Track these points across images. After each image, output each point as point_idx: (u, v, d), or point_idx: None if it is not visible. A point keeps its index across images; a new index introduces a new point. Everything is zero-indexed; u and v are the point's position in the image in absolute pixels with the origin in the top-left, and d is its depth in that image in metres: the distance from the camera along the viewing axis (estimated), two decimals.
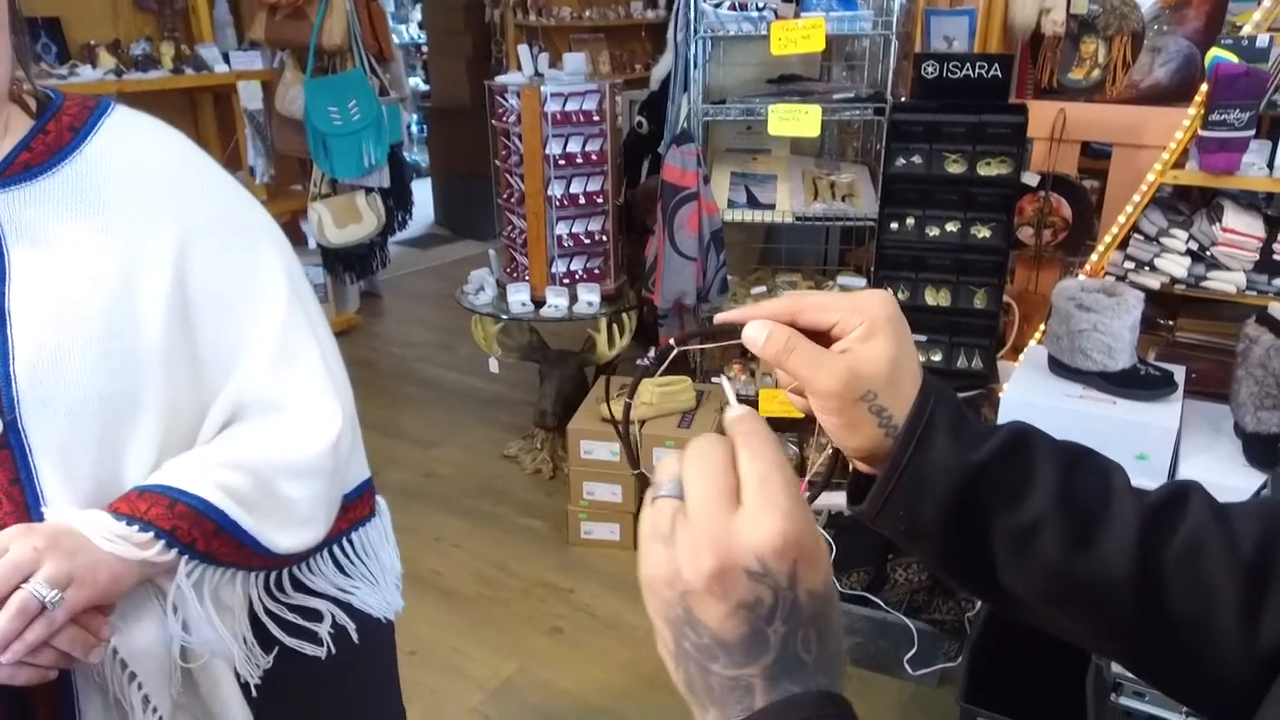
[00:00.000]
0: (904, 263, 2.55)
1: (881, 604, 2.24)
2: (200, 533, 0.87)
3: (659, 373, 0.63)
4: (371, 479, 1.15)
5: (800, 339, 0.57)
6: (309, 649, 1.04)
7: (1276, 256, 2.30)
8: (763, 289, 2.82)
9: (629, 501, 2.68)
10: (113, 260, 0.86)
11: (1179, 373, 2.28)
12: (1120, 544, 0.55)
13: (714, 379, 2.92)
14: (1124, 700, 1.49)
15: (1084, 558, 0.55)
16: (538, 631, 2.43)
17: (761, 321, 0.57)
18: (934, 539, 0.58)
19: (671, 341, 0.59)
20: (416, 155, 7.38)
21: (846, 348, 0.57)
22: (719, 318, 0.61)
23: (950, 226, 2.51)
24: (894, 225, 2.53)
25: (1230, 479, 2.02)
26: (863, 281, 2.78)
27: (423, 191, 6.12)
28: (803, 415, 0.62)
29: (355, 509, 1.12)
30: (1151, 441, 2.14)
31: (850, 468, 0.63)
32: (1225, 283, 2.36)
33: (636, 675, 2.27)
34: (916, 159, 2.47)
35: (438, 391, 3.94)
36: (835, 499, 2.60)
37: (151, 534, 0.83)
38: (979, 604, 2.08)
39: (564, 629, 2.44)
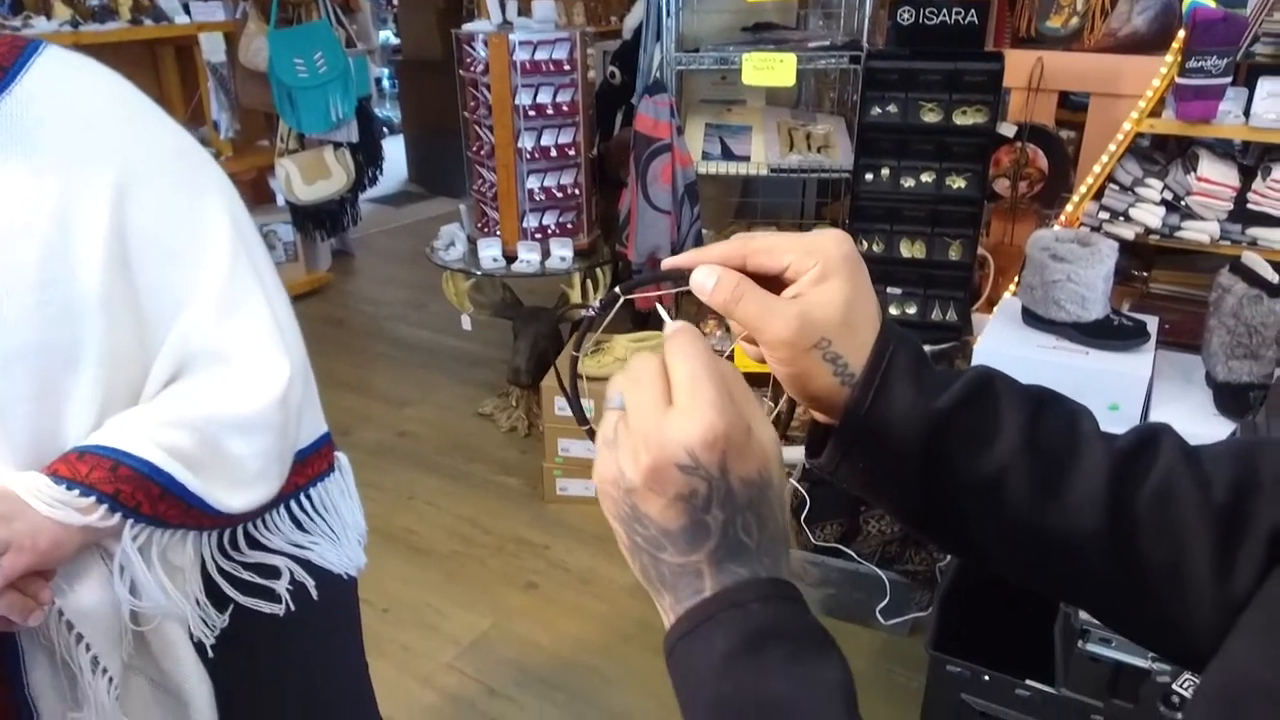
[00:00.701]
0: (879, 214, 2.53)
1: (854, 555, 2.25)
2: (145, 496, 0.84)
3: (603, 325, 0.60)
4: (329, 434, 1.12)
5: (749, 285, 0.53)
6: (266, 607, 1.02)
7: (1250, 206, 2.29)
8: None
9: None
10: (46, 205, 0.82)
11: (1152, 323, 2.28)
12: (1089, 491, 0.53)
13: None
14: (1090, 646, 1.51)
15: (1052, 506, 0.53)
16: (513, 587, 2.43)
17: (709, 267, 0.54)
18: (896, 491, 0.56)
19: (618, 289, 0.56)
20: (388, 111, 7.24)
21: (798, 293, 0.54)
22: (666, 263, 0.57)
23: (925, 177, 2.48)
24: (869, 176, 2.50)
25: (1201, 428, 2.03)
26: None
27: (395, 148, 6.02)
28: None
29: (312, 464, 1.10)
30: (1123, 392, 2.14)
31: (810, 419, 0.61)
32: (1199, 232, 2.36)
33: (611, 629, 2.28)
34: (892, 108, 2.44)
35: (410, 350, 3.90)
36: (794, 453, 2.59)
37: (93, 499, 0.81)
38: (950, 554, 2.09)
39: (539, 584, 2.44)
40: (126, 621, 0.87)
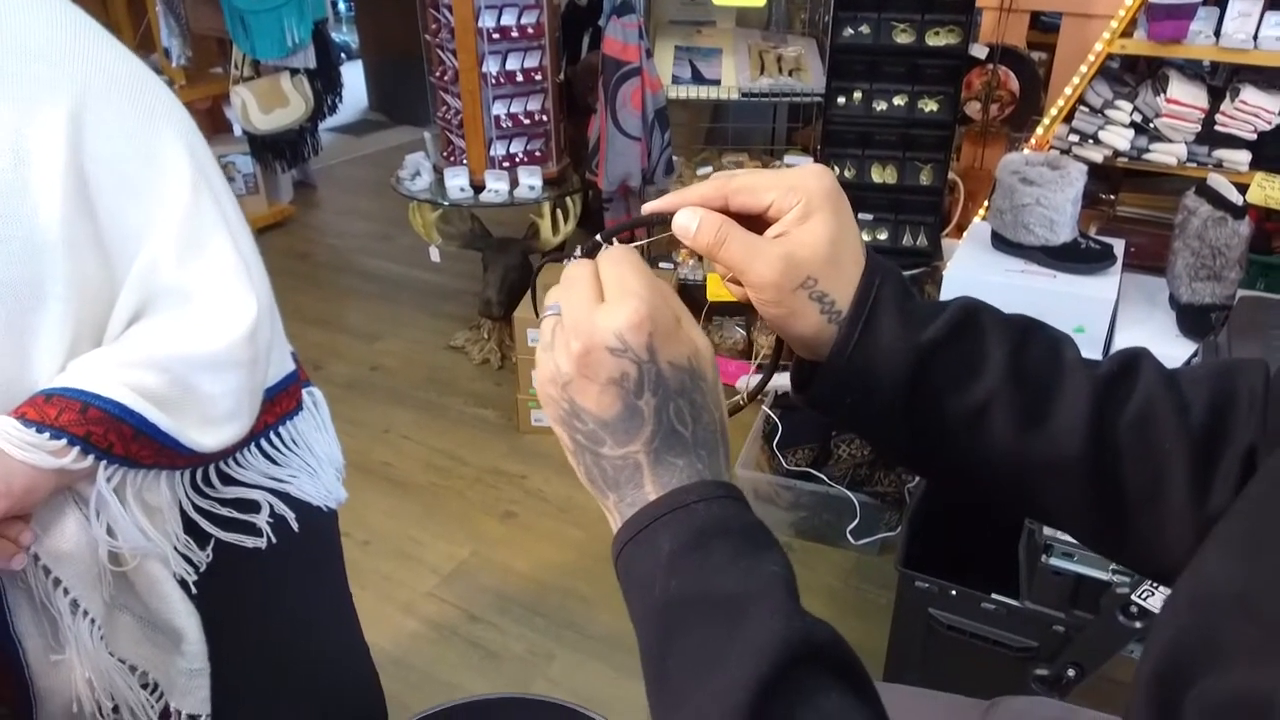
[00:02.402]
0: (850, 139, 2.51)
1: (825, 479, 2.29)
2: (117, 436, 0.83)
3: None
4: (297, 371, 1.12)
5: (733, 227, 0.53)
6: (248, 541, 1.02)
7: (1218, 128, 2.30)
8: (709, 169, 2.76)
9: None
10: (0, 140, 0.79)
11: (1118, 246, 2.30)
12: (1073, 419, 0.54)
13: (662, 264, 2.88)
14: (1054, 561, 1.56)
15: (1037, 434, 0.54)
16: (491, 517, 2.46)
17: (691, 209, 0.54)
18: (882, 424, 0.57)
19: (599, 238, 0.56)
20: (345, 35, 6.99)
21: (782, 231, 0.54)
22: (646, 207, 0.57)
23: (898, 100, 2.46)
24: (841, 100, 2.47)
25: (1164, 349, 2.05)
26: (809, 160, 2.73)
27: (354, 75, 5.83)
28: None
29: (281, 402, 1.09)
30: (1089, 314, 2.17)
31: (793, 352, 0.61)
32: (1167, 155, 2.37)
33: (589, 553, 2.32)
34: (864, 29, 2.40)
35: (379, 283, 3.85)
36: (783, 379, 2.62)
37: (64, 441, 0.80)
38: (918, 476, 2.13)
39: (517, 513, 2.47)
40: (105, 563, 0.87)
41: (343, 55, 4.99)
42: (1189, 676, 0.40)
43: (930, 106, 2.45)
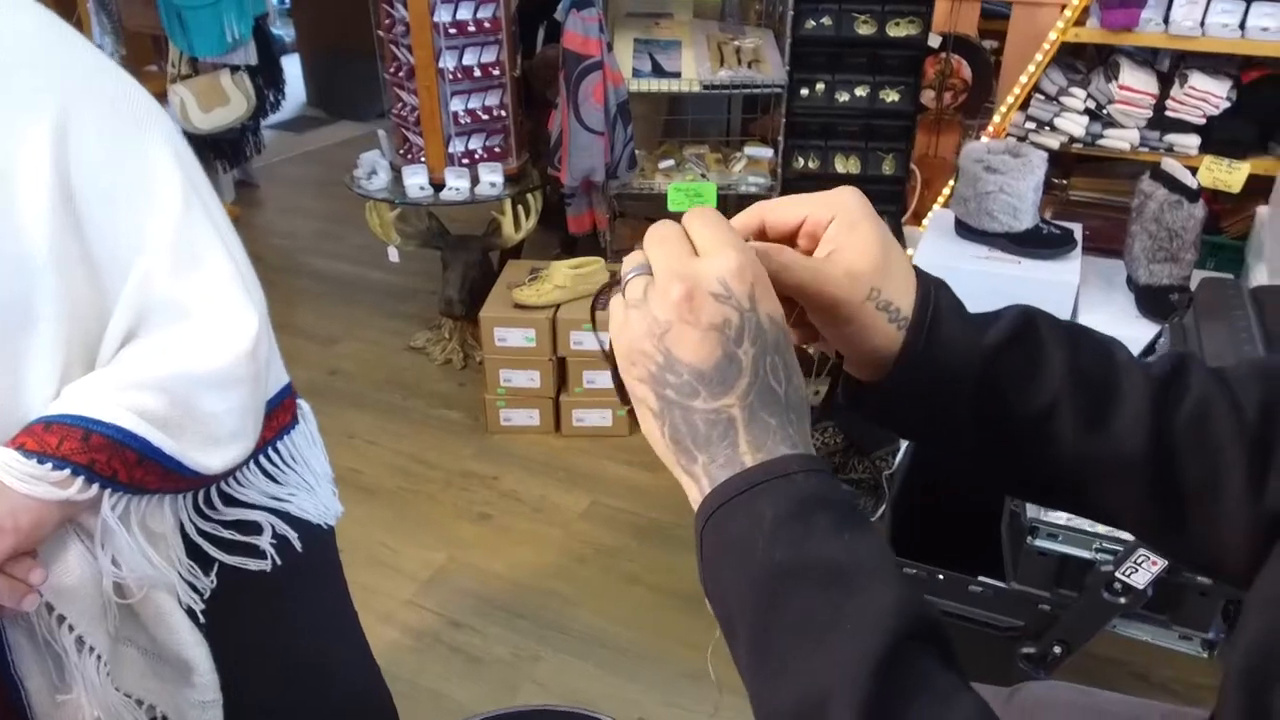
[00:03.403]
0: (813, 130, 2.52)
1: None
2: (121, 463, 0.79)
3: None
4: (291, 384, 1.09)
5: (791, 254, 0.54)
6: (252, 564, 0.99)
7: (1168, 113, 2.37)
8: (670, 163, 2.75)
9: (547, 387, 2.65)
10: None
11: (1076, 231, 2.36)
12: (1134, 419, 0.55)
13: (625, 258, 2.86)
14: (1038, 542, 1.59)
15: (1101, 435, 0.55)
16: (465, 520, 2.42)
17: (750, 245, 0.54)
18: (949, 428, 0.57)
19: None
20: (280, 29, 6.80)
21: (833, 248, 0.54)
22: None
23: (860, 91, 2.48)
24: (804, 91, 2.48)
25: (1126, 331, 2.13)
26: (769, 152, 2.74)
27: (291, 69, 5.68)
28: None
29: (278, 416, 1.06)
30: (1054, 298, 2.22)
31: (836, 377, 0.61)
32: (1120, 140, 2.43)
33: (567, 553, 2.30)
34: (826, 20, 2.41)
35: (332, 284, 3.76)
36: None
37: (68, 471, 0.76)
38: (896, 461, 2.16)
39: (491, 515, 2.44)
40: (110, 596, 0.83)
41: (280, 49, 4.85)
42: (1276, 671, 0.41)
43: (891, 97, 2.48)
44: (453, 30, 2.63)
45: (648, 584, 2.17)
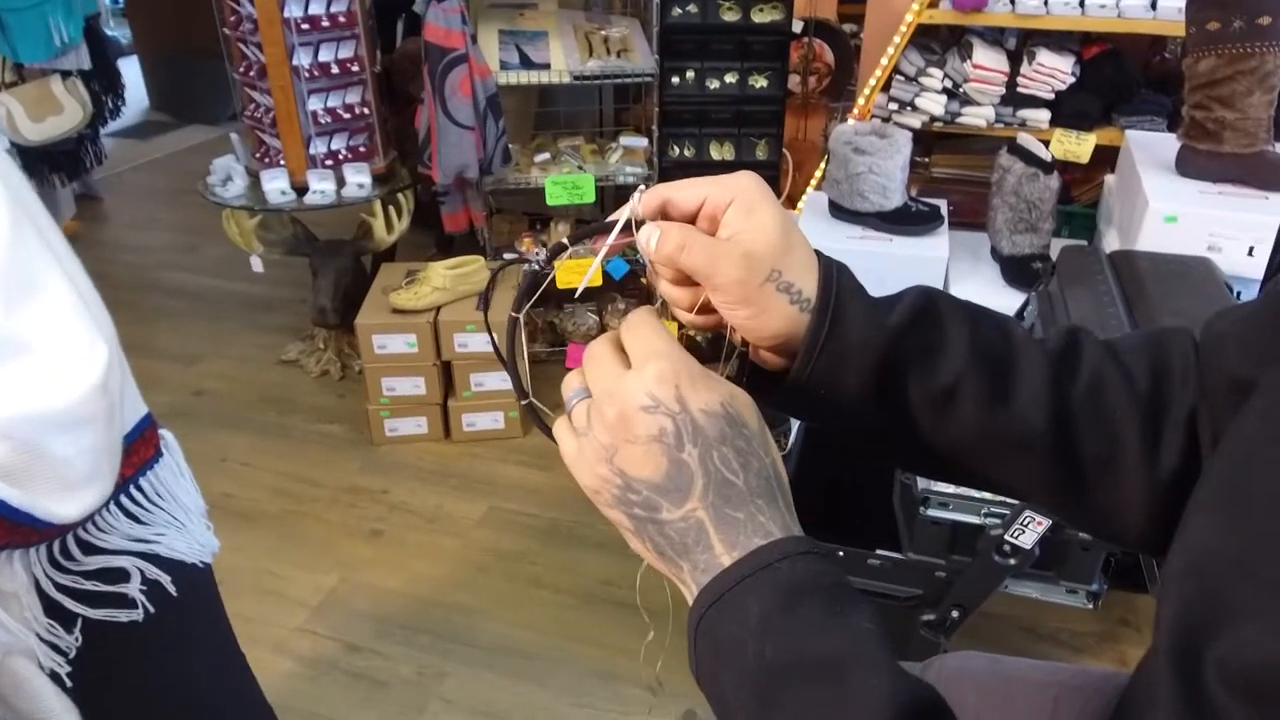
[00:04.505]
0: (686, 118, 2.53)
1: None
2: None
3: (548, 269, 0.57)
4: (150, 414, 1.00)
5: (693, 233, 0.53)
6: (121, 615, 0.90)
7: (1020, 89, 2.48)
8: (546, 156, 2.70)
9: (434, 393, 2.57)
10: None
11: (943, 206, 2.44)
12: (1034, 393, 0.56)
13: (505, 254, 2.81)
14: (930, 512, 1.63)
15: (1003, 411, 0.56)
16: (355, 538, 2.32)
17: (651, 224, 0.54)
18: (854, 411, 0.57)
19: (565, 240, 0.55)
20: (115, 31, 6.37)
21: (733, 230, 0.54)
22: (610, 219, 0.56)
23: (729, 78, 2.49)
24: (675, 80, 2.48)
25: (994, 300, 2.22)
26: (644, 141, 2.73)
27: (131, 72, 5.32)
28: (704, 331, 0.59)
29: (138, 450, 0.98)
30: (928, 273, 2.29)
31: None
32: (977, 117, 2.53)
33: (467, 563, 2.23)
34: (692, 8, 2.41)
35: (190, 300, 3.54)
36: None
37: None
38: (790, 441, 2.19)
39: (383, 530, 2.34)
40: None
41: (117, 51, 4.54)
42: (1203, 642, 0.41)
43: (760, 82, 2.50)
44: (305, 25, 2.50)
45: (551, 586, 2.13)
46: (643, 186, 0.56)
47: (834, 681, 0.43)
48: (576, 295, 0.60)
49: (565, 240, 0.55)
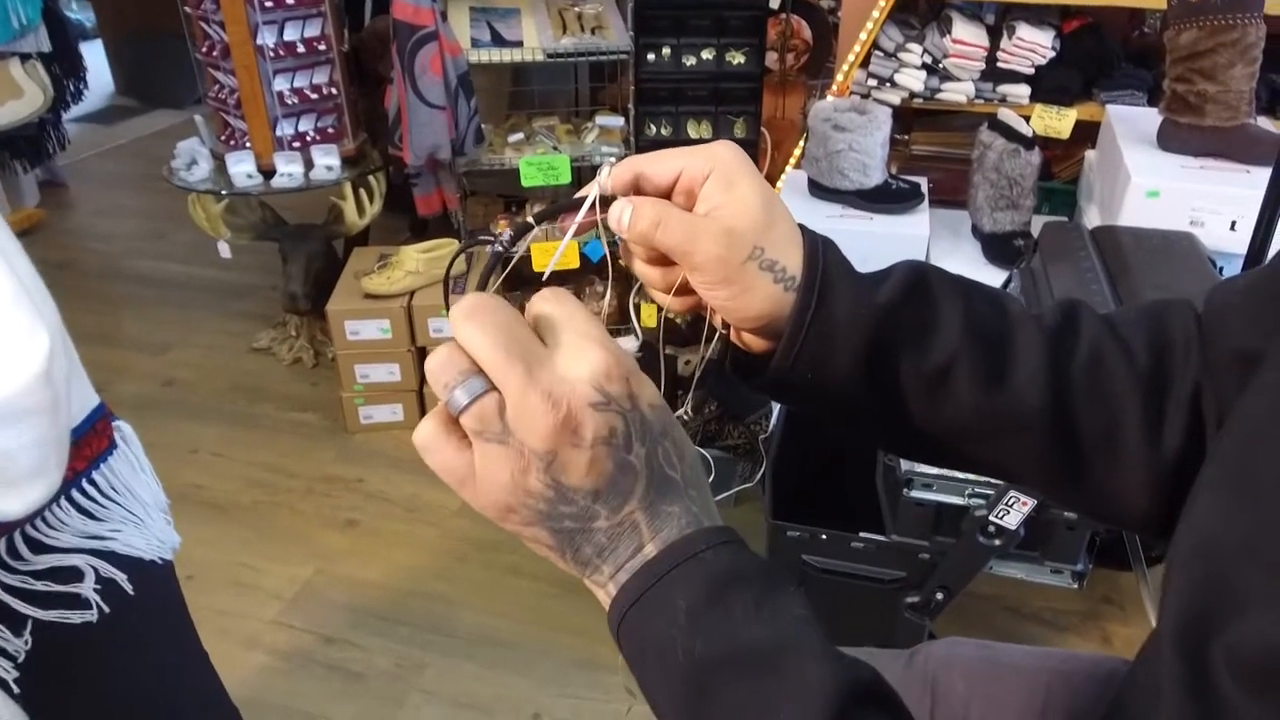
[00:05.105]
0: (663, 96, 2.48)
1: None
2: None
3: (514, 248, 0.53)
4: (103, 405, 0.95)
5: (669, 209, 0.50)
6: (74, 616, 0.86)
7: (999, 64, 2.45)
8: (520, 136, 2.65)
9: (409, 379, 2.52)
10: None
11: (923, 184, 2.41)
12: (1031, 371, 0.54)
13: (481, 236, 2.75)
14: (914, 493, 1.61)
15: (998, 391, 0.54)
16: (331, 528, 2.28)
17: (623, 199, 0.51)
18: (840, 393, 0.54)
19: (531, 219, 0.51)
20: (78, 13, 6.21)
21: (712, 205, 0.50)
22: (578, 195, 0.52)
23: (706, 54, 2.45)
24: (650, 56, 2.43)
25: (977, 278, 2.19)
26: (621, 121, 2.67)
27: (95, 56, 5.20)
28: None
29: (90, 443, 0.93)
30: (908, 252, 2.26)
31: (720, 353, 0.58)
32: (957, 93, 2.50)
33: (445, 552, 2.20)
34: None
35: (159, 287, 3.46)
36: (625, 344, 2.58)
37: None
38: (771, 425, 2.16)
39: (359, 520, 2.30)
40: None
41: (80, 34, 4.42)
42: (1210, 629, 0.40)
43: (738, 59, 2.46)
44: (269, 3, 2.43)
45: (530, 575, 2.10)
46: (612, 160, 0.52)
47: (769, 672, 0.40)
48: (544, 279, 0.58)
49: (531, 219, 0.51)
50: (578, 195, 0.52)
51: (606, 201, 0.51)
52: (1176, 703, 0.40)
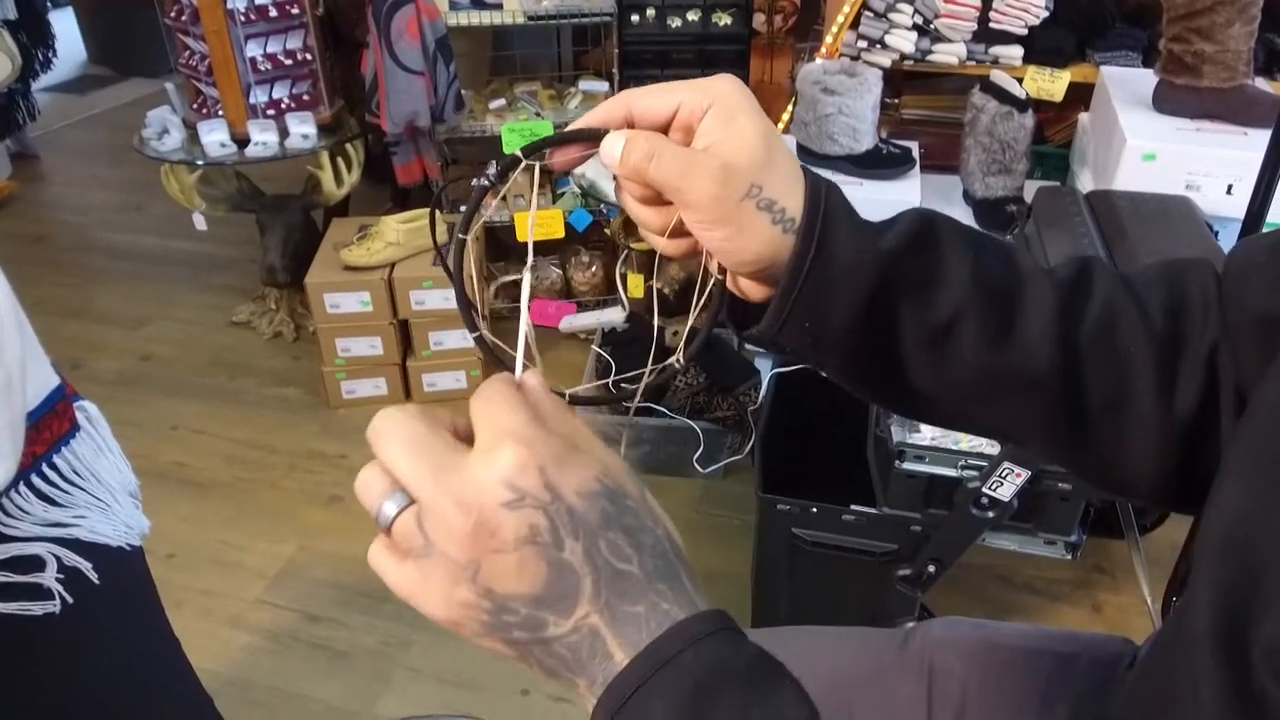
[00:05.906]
0: (648, 59, 2.42)
1: (666, 411, 2.25)
2: None
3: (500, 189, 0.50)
4: (63, 386, 0.91)
5: (664, 142, 0.47)
6: (35, 608, 0.83)
7: (992, 25, 2.39)
8: (501, 102, 2.58)
9: (391, 353, 2.47)
10: None
11: (914, 148, 2.37)
12: (1041, 328, 0.51)
13: (461, 207, 2.69)
14: (906, 465, 1.58)
15: (1006, 348, 0.51)
16: (314, 505, 2.24)
17: (616, 133, 0.48)
18: (838, 344, 0.51)
19: (519, 153, 0.48)
20: None
21: (709, 141, 0.47)
22: (561, 135, 0.49)
23: (691, 16, 2.39)
24: (634, 18, 2.37)
25: None
26: (605, 85, 2.61)
27: (67, 24, 5.06)
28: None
29: (50, 425, 0.89)
30: None
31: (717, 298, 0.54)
32: (949, 55, 2.44)
33: None
34: None
35: (135, 260, 3.39)
36: (612, 316, 2.54)
37: None
38: (760, 396, 2.13)
39: (343, 496, 2.27)
40: None
41: (49, 2, 4.29)
42: (1247, 630, 0.37)
43: (724, 20, 2.40)
44: None
45: None
46: (608, 90, 0.49)
47: None
48: (529, 246, 0.55)
49: (519, 153, 0.48)
50: (570, 129, 0.49)
51: (600, 138, 0.48)
52: (1220, 706, 0.37)
